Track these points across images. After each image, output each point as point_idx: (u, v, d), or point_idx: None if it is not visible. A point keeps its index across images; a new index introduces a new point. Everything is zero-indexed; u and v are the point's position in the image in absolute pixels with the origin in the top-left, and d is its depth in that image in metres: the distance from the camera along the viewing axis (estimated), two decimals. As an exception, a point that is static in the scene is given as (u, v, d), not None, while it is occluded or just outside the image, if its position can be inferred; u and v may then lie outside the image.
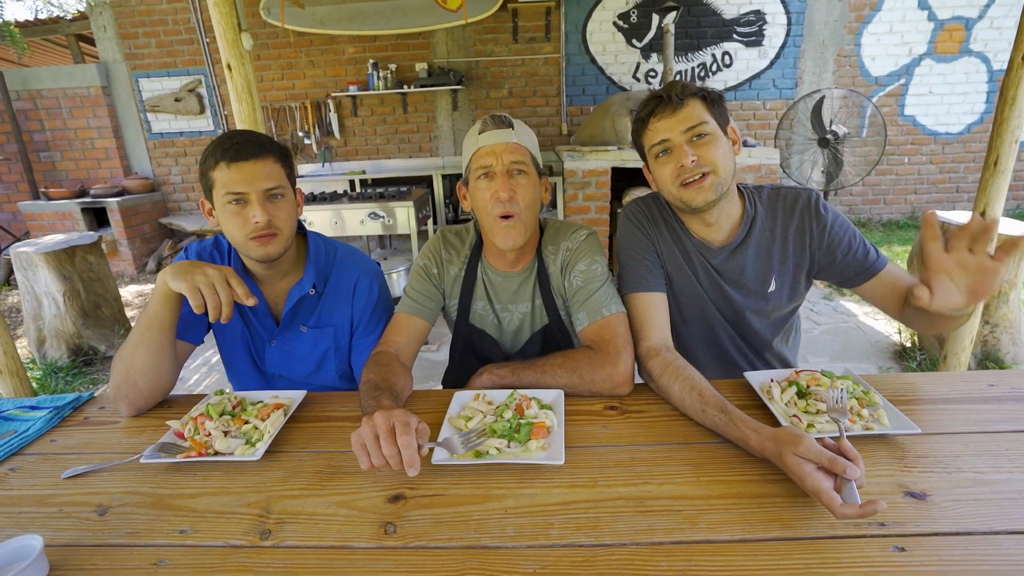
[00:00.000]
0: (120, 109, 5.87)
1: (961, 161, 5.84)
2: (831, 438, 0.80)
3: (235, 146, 1.12)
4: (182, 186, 6.14)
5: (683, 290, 1.29)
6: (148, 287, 5.12)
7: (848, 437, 0.86)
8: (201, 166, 1.15)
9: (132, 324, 3.79)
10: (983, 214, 0.86)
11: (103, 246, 3.63)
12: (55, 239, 3.50)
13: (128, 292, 4.88)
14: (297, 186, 1.26)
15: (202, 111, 5.84)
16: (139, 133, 5.96)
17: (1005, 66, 2.01)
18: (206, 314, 1.00)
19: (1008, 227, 2.56)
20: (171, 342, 1.11)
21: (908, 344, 3.04)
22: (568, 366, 1.12)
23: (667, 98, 1.14)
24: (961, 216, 2.70)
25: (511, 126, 1.17)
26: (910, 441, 0.90)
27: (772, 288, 1.25)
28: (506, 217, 1.15)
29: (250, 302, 1.02)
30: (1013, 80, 1.99)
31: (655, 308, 1.21)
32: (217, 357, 3.45)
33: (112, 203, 5.35)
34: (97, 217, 5.57)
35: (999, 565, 0.65)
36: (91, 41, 5.96)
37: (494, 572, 0.69)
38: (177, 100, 5.80)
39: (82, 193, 5.55)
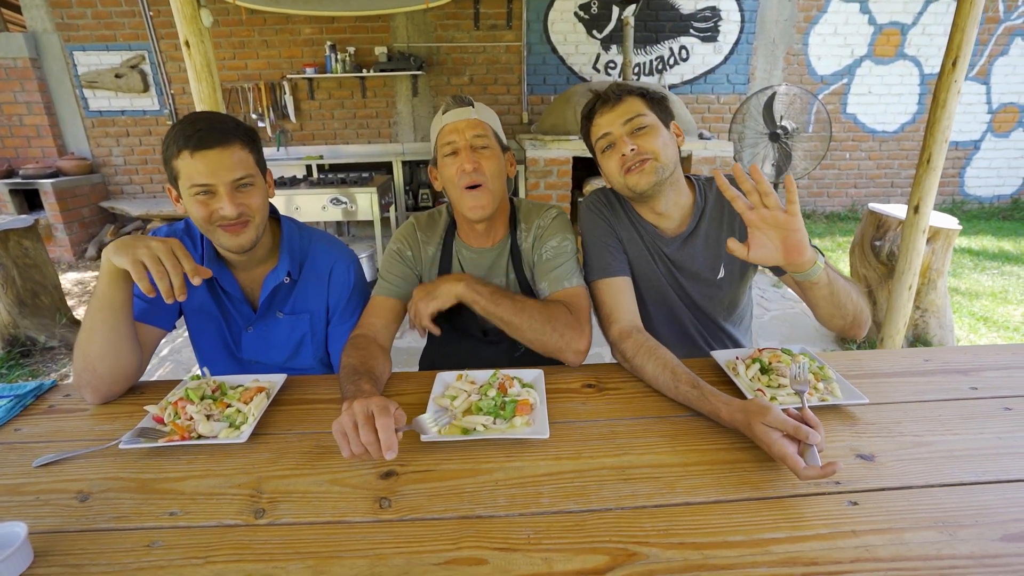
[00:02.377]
0: (52, 84, 5.45)
1: (895, 158, 6.25)
2: (795, 408, 0.88)
3: (198, 133, 1.04)
4: (125, 168, 5.79)
5: (643, 274, 1.36)
6: (89, 274, 4.83)
7: (806, 407, 0.94)
8: (163, 152, 1.09)
9: (74, 313, 3.58)
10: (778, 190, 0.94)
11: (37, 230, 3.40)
12: (-16, 222, 3.25)
13: (67, 280, 4.59)
14: (267, 168, 1.21)
15: (146, 89, 5.51)
16: (75, 110, 5.56)
17: (935, 70, 2.19)
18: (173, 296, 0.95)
19: (937, 220, 2.78)
20: (127, 323, 1.05)
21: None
22: (545, 314, 1.16)
23: (605, 96, 1.24)
24: (897, 209, 2.90)
25: (471, 104, 1.25)
26: (859, 410, 1.00)
27: (721, 275, 1.33)
28: (473, 188, 1.21)
29: (196, 281, 0.96)
30: (944, 84, 2.16)
31: (622, 292, 1.26)
32: (168, 348, 3.32)
33: (45, 185, 4.99)
34: (28, 200, 5.20)
35: (934, 512, 0.74)
36: (16, 8, 5.49)
37: (491, 539, 0.72)
38: (118, 76, 5.44)
39: (10, 173, 5.15)
